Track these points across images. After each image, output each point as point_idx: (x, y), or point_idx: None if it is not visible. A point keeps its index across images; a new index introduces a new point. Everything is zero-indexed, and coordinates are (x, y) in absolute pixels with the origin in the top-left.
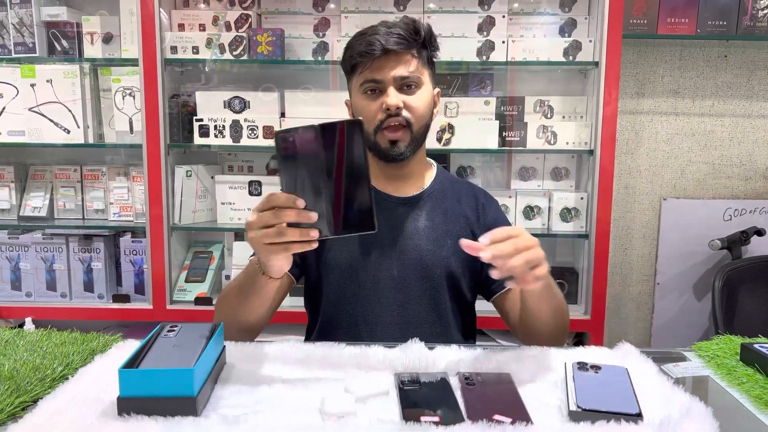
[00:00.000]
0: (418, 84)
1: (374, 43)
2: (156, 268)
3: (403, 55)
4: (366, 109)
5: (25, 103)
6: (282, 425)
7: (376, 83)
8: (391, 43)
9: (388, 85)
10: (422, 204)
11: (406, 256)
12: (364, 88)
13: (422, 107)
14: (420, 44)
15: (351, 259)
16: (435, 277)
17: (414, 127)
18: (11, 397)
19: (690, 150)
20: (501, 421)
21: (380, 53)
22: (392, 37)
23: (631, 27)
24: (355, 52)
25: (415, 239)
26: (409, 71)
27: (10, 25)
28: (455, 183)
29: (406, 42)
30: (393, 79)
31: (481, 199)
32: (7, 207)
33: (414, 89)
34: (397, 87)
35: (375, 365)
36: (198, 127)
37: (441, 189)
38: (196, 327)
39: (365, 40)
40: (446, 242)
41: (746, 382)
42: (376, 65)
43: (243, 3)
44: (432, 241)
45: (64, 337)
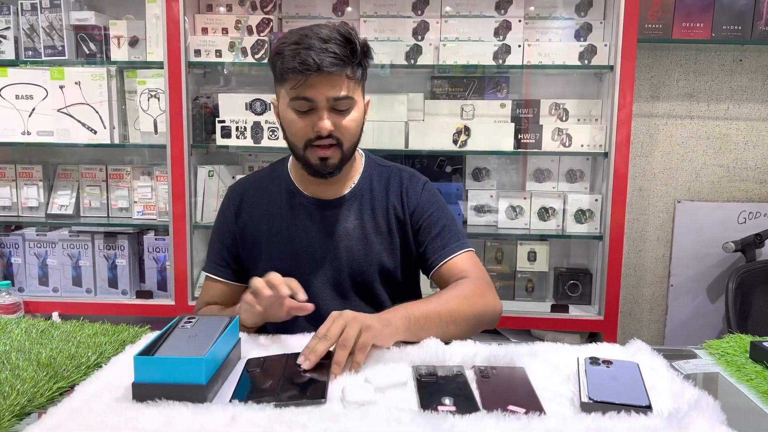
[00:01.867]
0: (351, 105)
1: (308, 62)
2: (178, 265)
3: (337, 76)
4: (295, 126)
5: (54, 105)
6: (304, 411)
7: (307, 101)
8: (326, 64)
9: (320, 106)
10: (350, 204)
11: (338, 258)
12: (295, 105)
13: (353, 128)
14: (356, 63)
15: (285, 268)
16: (369, 276)
17: (345, 146)
18: (50, 382)
19: (705, 153)
20: (515, 411)
21: (314, 73)
22: (328, 56)
23: (646, 31)
24: (287, 66)
25: (346, 241)
26: (342, 93)
27: (41, 29)
28: (383, 170)
29: (342, 63)
30: (326, 100)
31: (405, 182)
32: (36, 205)
33: (346, 111)
34: (329, 107)
35: (393, 359)
36: (220, 128)
37: (368, 184)
38: (213, 320)
39: (299, 56)
40: (376, 239)
41: (755, 378)
42: (309, 83)
43: (265, 7)
44: (362, 240)
45: (96, 329)
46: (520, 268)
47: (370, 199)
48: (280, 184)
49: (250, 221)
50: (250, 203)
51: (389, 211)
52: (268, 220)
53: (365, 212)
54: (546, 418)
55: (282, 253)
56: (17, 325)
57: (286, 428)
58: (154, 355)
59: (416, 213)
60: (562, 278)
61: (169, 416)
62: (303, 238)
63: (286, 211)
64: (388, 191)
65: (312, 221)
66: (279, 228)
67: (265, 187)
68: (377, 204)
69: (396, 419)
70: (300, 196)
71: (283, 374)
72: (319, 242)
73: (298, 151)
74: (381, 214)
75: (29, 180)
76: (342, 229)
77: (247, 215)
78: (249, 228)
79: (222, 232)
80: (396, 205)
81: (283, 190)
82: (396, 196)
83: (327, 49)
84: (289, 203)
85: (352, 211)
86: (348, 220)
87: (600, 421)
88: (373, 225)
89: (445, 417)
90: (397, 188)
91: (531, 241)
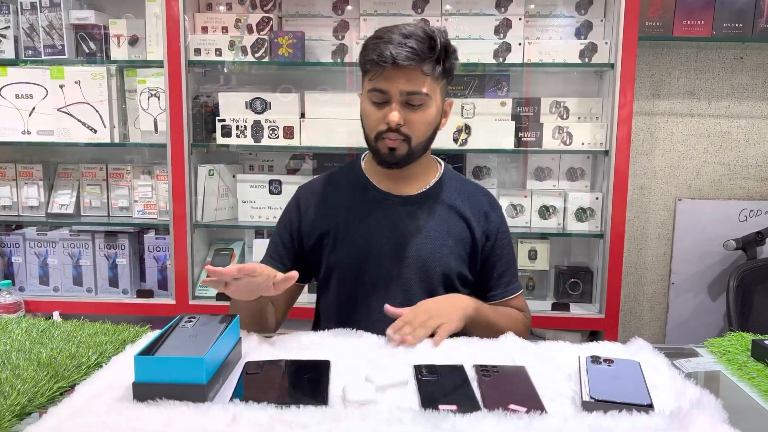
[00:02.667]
0: (424, 102)
1: (385, 54)
2: (179, 265)
3: (413, 71)
4: (370, 116)
5: (54, 104)
6: (305, 411)
7: (382, 93)
8: (402, 58)
9: (393, 99)
10: (424, 203)
11: (406, 255)
12: (371, 96)
13: (424, 126)
14: (434, 59)
15: (354, 260)
16: (433, 276)
17: (413, 142)
18: (50, 382)
19: (705, 151)
20: (516, 410)
21: (389, 66)
22: (404, 50)
23: (646, 29)
24: (366, 58)
25: (416, 238)
26: (415, 88)
27: (40, 28)
28: (461, 184)
29: (418, 58)
30: (399, 93)
31: (485, 204)
32: (36, 204)
33: (419, 107)
34: (403, 101)
35: (394, 358)
36: (220, 127)
37: (444, 189)
38: (213, 319)
39: (378, 48)
40: (447, 242)
41: (756, 377)
42: (384, 75)
43: (264, 6)
44: (432, 240)
45: (97, 328)
46: (521, 266)
47: (445, 203)
48: (353, 179)
49: (320, 215)
50: (322, 198)
51: (462, 221)
52: (339, 212)
53: (438, 215)
54: (547, 417)
55: (351, 245)
56: (18, 324)
57: (287, 428)
58: (154, 354)
59: (490, 241)
60: (562, 277)
61: (170, 416)
62: (373, 231)
63: (359, 204)
64: (463, 203)
65: (383, 215)
66: (350, 220)
67: (337, 182)
68: (451, 209)
69: (397, 419)
70: (373, 191)
71: (284, 376)
72: (388, 236)
73: (370, 141)
74: (454, 222)
75: (29, 179)
76: (413, 226)
77: (317, 210)
78: (319, 222)
79: (284, 230)
80: (471, 220)
81: (356, 185)
82: (473, 213)
83: (405, 44)
84: (362, 197)
85: (424, 211)
86: (420, 218)
87: (601, 420)
88: (444, 228)
89: (446, 416)
90: (475, 206)
91: (532, 239)
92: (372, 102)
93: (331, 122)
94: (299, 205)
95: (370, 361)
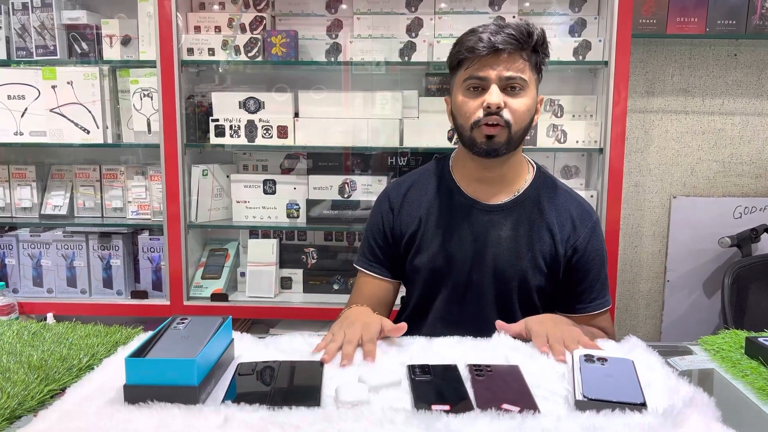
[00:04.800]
0: (523, 87)
1: (483, 40)
2: (173, 265)
3: (512, 55)
4: (465, 106)
5: (46, 105)
6: (298, 412)
7: (479, 80)
8: (501, 42)
9: (491, 84)
10: (509, 213)
11: (484, 263)
12: (467, 85)
13: (523, 110)
14: (531, 48)
15: (436, 263)
16: (509, 287)
17: (513, 128)
18: (41, 385)
19: (700, 148)
20: (509, 410)
21: (487, 51)
22: (503, 35)
23: (640, 27)
24: (463, 47)
25: (496, 248)
26: (514, 72)
27: (32, 29)
28: (552, 191)
29: (516, 43)
30: (498, 78)
31: (576, 215)
32: (29, 206)
33: (518, 92)
34: (501, 87)
35: (387, 358)
36: (214, 127)
37: (532, 198)
38: (205, 320)
39: (476, 36)
40: (527, 254)
41: (750, 374)
42: (482, 63)
43: (257, 5)
44: (512, 251)
45: (89, 330)
46: None
47: (533, 213)
48: (440, 182)
49: (409, 216)
50: (411, 199)
51: (547, 233)
52: (425, 215)
53: (523, 224)
54: (540, 416)
55: (434, 248)
56: (9, 327)
57: (280, 429)
58: (145, 356)
59: (577, 253)
60: None
61: (161, 418)
62: (455, 238)
63: (444, 208)
64: (551, 213)
65: (467, 222)
66: (435, 223)
67: (425, 182)
68: (537, 220)
69: (390, 419)
70: (460, 195)
71: (276, 377)
72: (469, 243)
73: (465, 134)
74: (537, 232)
75: (22, 180)
76: (495, 236)
77: (406, 210)
78: (408, 222)
79: (376, 230)
80: (557, 232)
81: (443, 187)
82: (561, 224)
83: (503, 31)
84: (448, 201)
85: (510, 220)
86: (503, 228)
87: (594, 419)
88: (527, 239)
89: (438, 416)
90: (564, 217)
91: None
92: (468, 92)
93: (325, 121)
94: (391, 205)
95: (363, 362)
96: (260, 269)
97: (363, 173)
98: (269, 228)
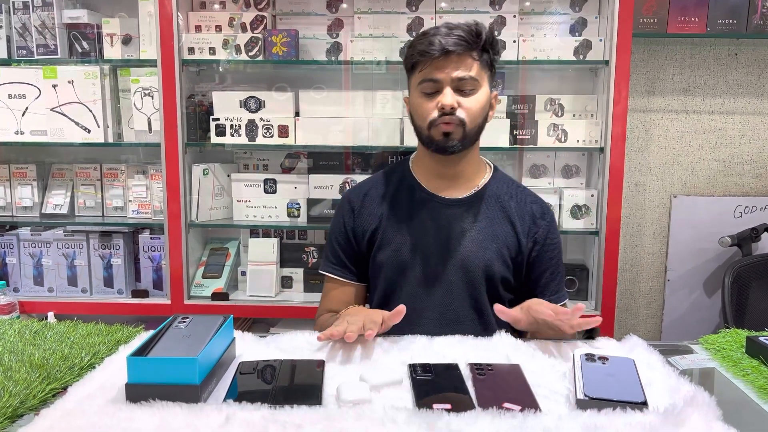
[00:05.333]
0: (475, 86)
1: (435, 43)
2: (174, 264)
3: (462, 56)
4: (421, 107)
5: (47, 104)
6: (299, 411)
7: (433, 82)
8: (451, 44)
9: (445, 85)
10: (471, 206)
11: (450, 256)
12: (422, 87)
13: (476, 109)
14: (480, 47)
15: (399, 260)
16: (476, 278)
17: (468, 126)
18: (43, 384)
19: (700, 147)
20: (510, 409)
21: (439, 53)
22: (452, 38)
23: (641, 26)
24: (415, 51)
25: (461, 240)
26: (466, 73)
27: (33, 28)
28: (512, 188)
29: (466, 44)
30: (450, 80)
31: (535, 210)
32: (30, 205)
33: (471, 92)
34: (454, 87)
35: (388, 357)
36: (214, 126)
37: (492, 193)
38: (207, 319)
39: (427, 39)
40: (491, 246)
41: (751, 373)
42: (435, 65)
43: (258, 4)
44: (477, 243)
45: (90, 329)
46: None
47: (493, 207)
48: (401, 180)
49: (370, 215)
50: (372, 198)
51: (509, 226)
52: (387, 212)
53: (484, 218)
54: (541, 415)
55: (397, 245)
56: (10, 326)
57: (281, 428)
58: (147, 355)
59: (537, 246)
60: None
61: (163, 417)
62: (418, 232)
63: (407, 204)
64: (512, 208)
65: (431, 217)
66: (397, 218)
67: (385, 182)
68: (498, 213)
69: (391, 418)
70: (421, 191)
71: (278, 376)
72: (434, 237)
73: (423, 132)
74: (500, 224)
75: (23, 179)
76: (458, 228)
77: (368, 210)
78: (369, 221)
79: (339, 233)
80: (519, 226)
81: (404, 185)
82: (521, 218)
83: (453, 33)
84: (410, 197)
85: (471, 213)
86: (466, 221)
87: (596, 418)
88: (490, 232)
89: (440, 415)
90: (524, 212)
91: None
92: (423, 94)
93: (325, 121)
94: (352, 207)
95: (364, 361)
96: (261, 268)
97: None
98: (270, 227)
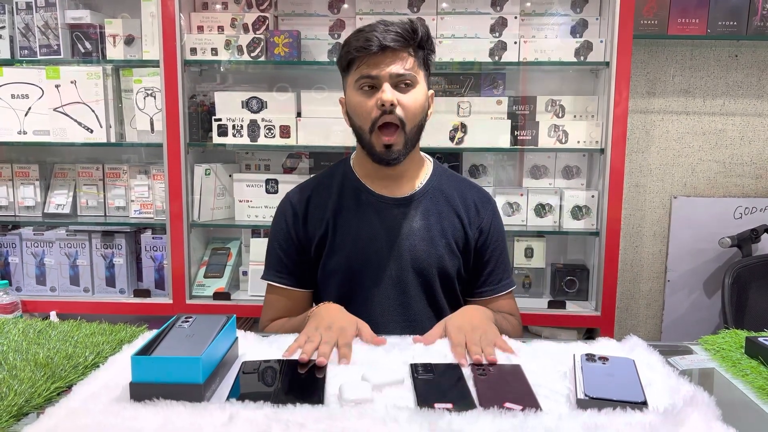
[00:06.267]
0: (413, 83)
1: (371, 40)
2: (176, 264)
3: (399, 52)
4: (360, 106)
5: (49, 104)
6: (302, 410)
7: (371, 79)
8: (388, 40)
9: (383, 81)
10: (416, 204)
11: (402, 256)
12: (360, 84)
13: (415, 106)
14: (417, 44)
15: (352, 264)
16: (430, 276)
17: (407, 127)
18: (47, 382)
19: (701, 149)
20: (511, 408)
21: (377, 49)
22: (389, 34)
23: (641, 27)
24: (352, 47)
25: (411, 239)
26: (404, 69)
27: (36, 28)
28: (452, 180)
29: (403, 40)
30: (389, 76)
31: (477, 200)
32: (32, 204)
33: (408, 88)
34: (393, 84)
35: (390, 357)
36: (217, 126)
37: (436, 187)
38: (210, 319)
39: (363, 36)
40: (440, 242)
41: (750, 373)
42: (372, 61)
43: (260, 5)
44: (426, 240)
45: (94, 328)
46: (517, 264)
47: (439, 201)
48: (344, 182)
49: (316, 220)
50: (315, 203)
51: (455, 219)
52: (334, 216)
53: (432, 214)
54: (542, 414)
55: (348, 247)
56: (14, 325)
57: (284, 427)
58: (151, 354)
59: (483, 235)
60: (558, 274)
61: (167, 416)
62: (368, 233)
63: (353, 207)
64: (455, 200)
65: (379, 218)
66: (346, 223)
67: (328, 186)
68: (444, 208)
69: (393, 417)
70: (367, 193)
71: (280, 375)
72: (384, 238)
73: (364, 136)
74: (447, 219)
75: (26, 179)
76: (407, 228)
77: (312, 215)
78: (316, 226)
79: (283, 240)
80: (464, 217)
81: (348, 188)
82: (465, 209)
83: (389, 30)
84: (355, 200)
85: (419, 211)
86: (414, 219)
87: (596, 418)
88: (439, 228)
89: (441, 414)
90: (467, 202)
91: (528, 237)
92: (361, 91)
93: (327, 121)
94: (294, 210)
95: (366, 360)
96: (262, 268)
97: None
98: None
